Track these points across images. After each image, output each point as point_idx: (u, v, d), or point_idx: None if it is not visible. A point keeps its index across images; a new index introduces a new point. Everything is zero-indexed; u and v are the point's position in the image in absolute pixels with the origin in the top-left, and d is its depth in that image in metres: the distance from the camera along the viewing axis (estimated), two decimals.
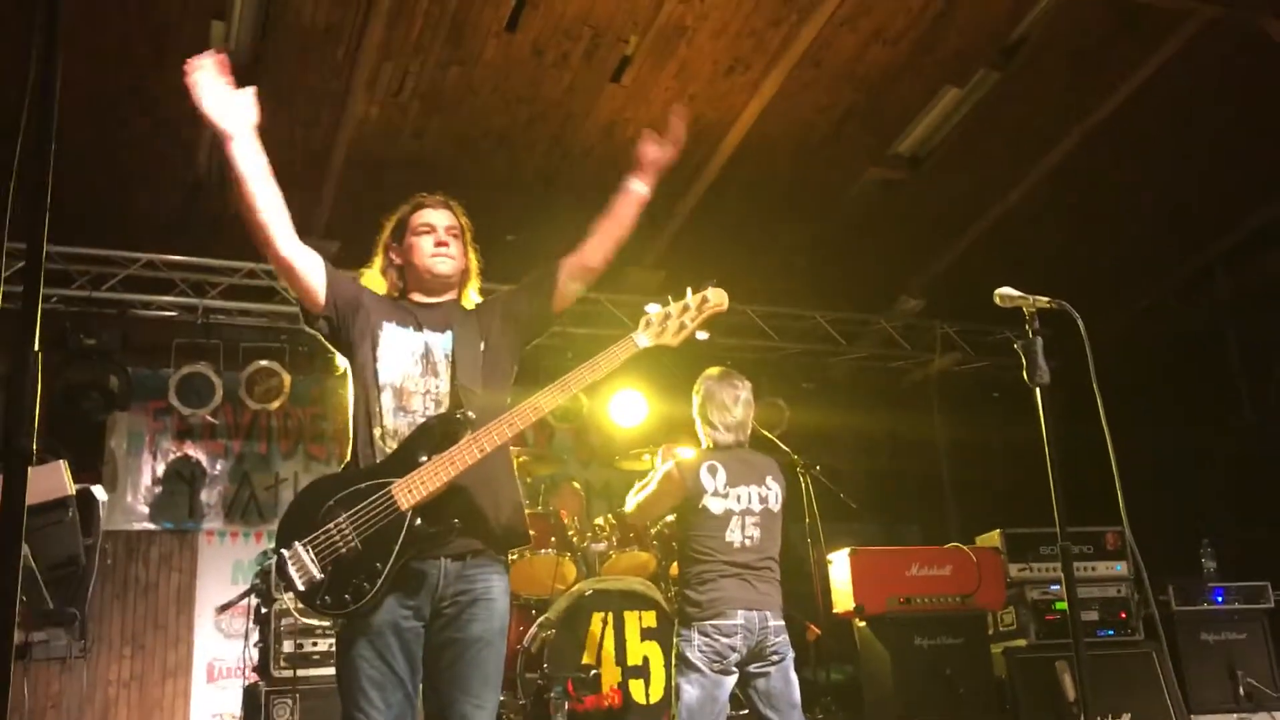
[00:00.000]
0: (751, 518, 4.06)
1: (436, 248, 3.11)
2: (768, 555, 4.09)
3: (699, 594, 3.96)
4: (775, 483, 4.20)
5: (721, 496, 4.04)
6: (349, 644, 2.82)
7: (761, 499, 4.11)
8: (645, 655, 5.32)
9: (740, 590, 3.95)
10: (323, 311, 3.02)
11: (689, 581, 4.02)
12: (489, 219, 5.46)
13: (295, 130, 6.43)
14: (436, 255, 3.11)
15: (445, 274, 3.12)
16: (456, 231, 3.17)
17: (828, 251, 8.04)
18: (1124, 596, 5.75)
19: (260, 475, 7.93)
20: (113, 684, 7.22)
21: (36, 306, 1.47)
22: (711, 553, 3.99)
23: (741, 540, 4.02)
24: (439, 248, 3.11)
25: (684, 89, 6.43)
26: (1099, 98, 6.71)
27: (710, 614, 3.90)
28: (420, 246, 3.12)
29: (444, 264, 3.11)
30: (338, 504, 2.81)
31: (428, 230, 3.13)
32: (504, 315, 3.14)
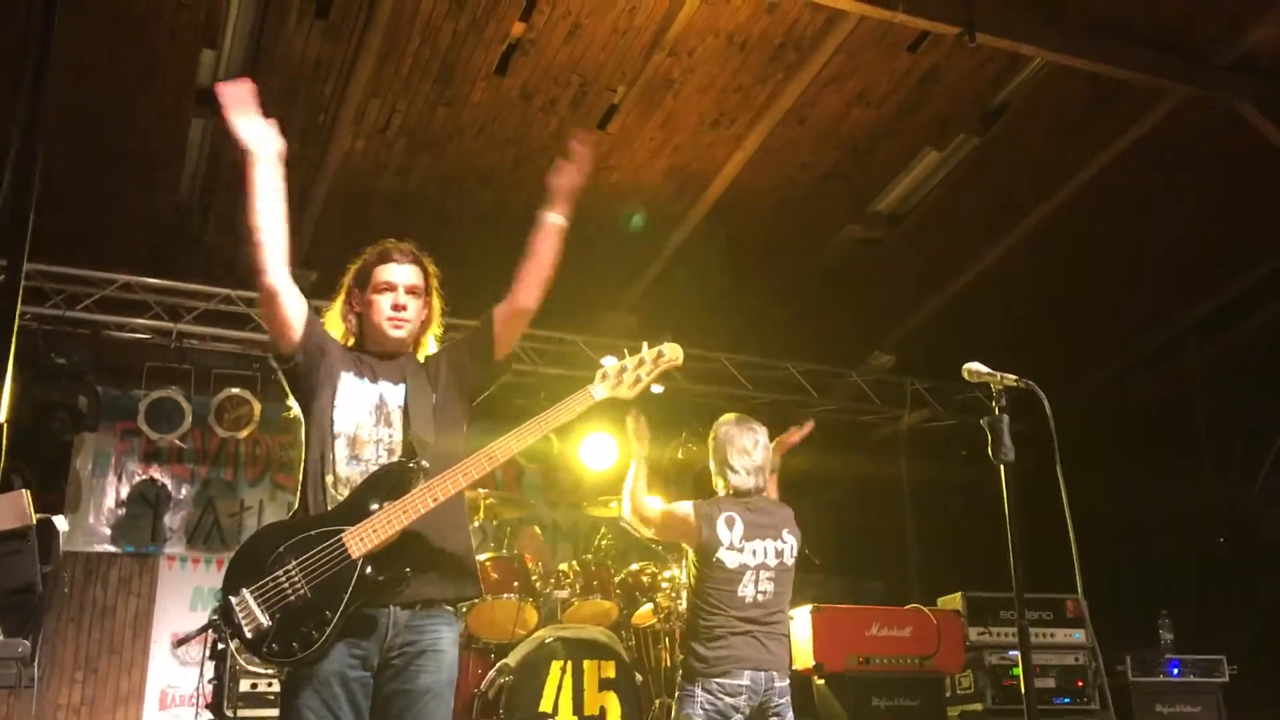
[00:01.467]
0: (766, 573, 3.99)
1: (394, 311, 3.10)
2: (779, 610, 4.02)
3: (707, 649, 3.89)
4: (791, 535, 4.14)
5: (737, 551, 3.98)
6: (294, 693, 2.80)
7: (777, 554, 4.05)
8: (603, 705, 5.30)
9: (750, 649, 3.88)
10: (294, 352, 3.02)
11: (698, 634, 3.95)
12: (470, 256, 5.51)
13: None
14: (392, 319, 3.10)
15: (399, 338, 3.12)
16: (418, 290, 3.16)
17: (804, 304, 8.10)
18: (1082, 665, 5.79)
19: (225, 502, 7.87)
20: (63, 709, 7.12)
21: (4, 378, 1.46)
22: (723, 608, 3.92)
23: (754, 595, 3.95)
24: (396, 312, 3.10)
25: (669, 139, 6.50)
26: (1075, 167, 6.82)
27: (716, 671, 3.85)
28: (378, 307, 3.11)
29: (398, 330, 3.11)
30: (288, 550, 2.79)
31: (388, 289, 3.12)
32: (450, 367, 3.15)
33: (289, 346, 3.02)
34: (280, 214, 2.96)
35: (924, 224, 7.36)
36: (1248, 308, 7.86)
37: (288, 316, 2.99)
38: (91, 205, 6.63)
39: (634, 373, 3.05)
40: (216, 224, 6.91)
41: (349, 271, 3.21)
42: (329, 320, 3.19)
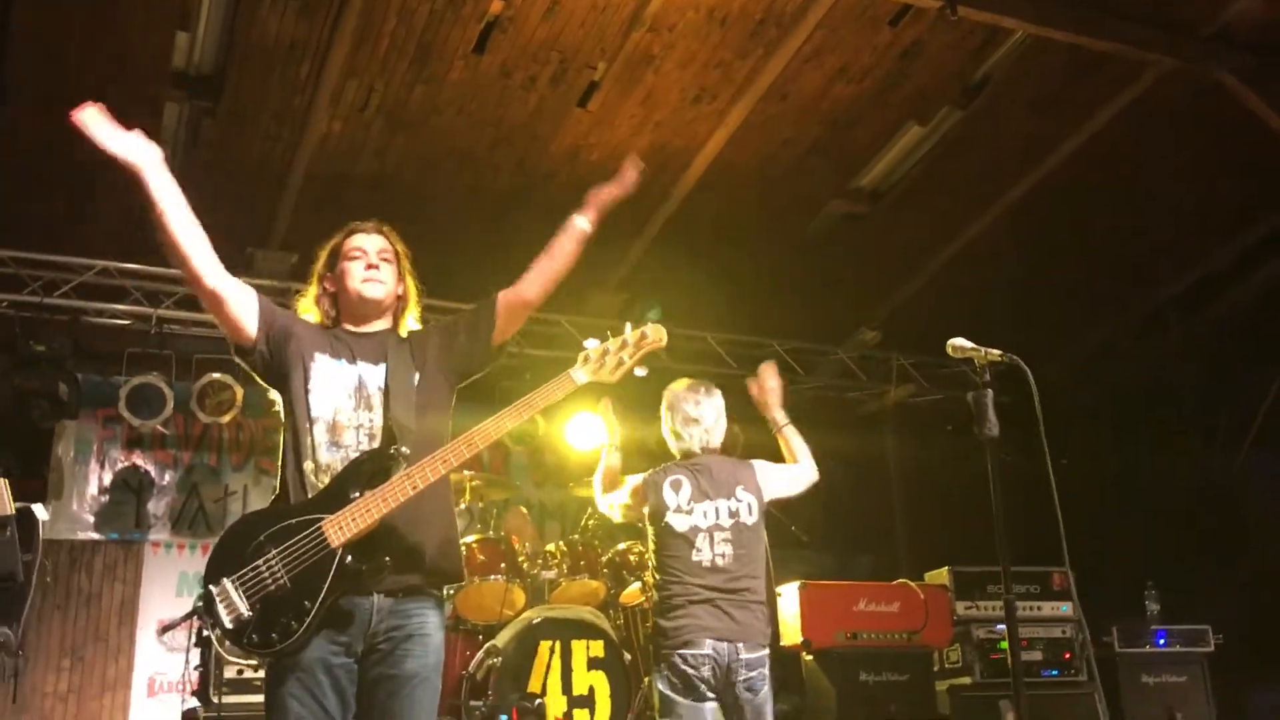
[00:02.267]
0: (721, 534, 3.86)
1: (367, 271, 3.07)
2: (744, 575, 3.84)
3: (668, 621, 3.79)
4: (748, 493, 4.00)
5: (685, 513, 3.90)
6: (278, 681, 2.77)
7: (731, 513, 3.92)
8: (591, 685, 5.29)
9: (711, 618, 3.74)
10: (254, 345, 2.96)
11: (660, 608, 3.86)
12: (449, 237, 5.47)
13: (256, 143, 6.38)
14: (367, 280, 3.06)
15: (375, 298, 3.07)
16: (389, 256, 3.12)
17: (789, 281, 8.08)
18: (1069, 637, 5.80)
19: (209, 487, 7.83)
20: (49, 696, 7.08)
21: None
22: (680, 575, 3.82)
23: (711, 559, 3.82)
24: (369, 271, 3.07)
25: (649, 116, 6.45)
26: (1058, 140, 6.81)
27: (678, 642, 3.72)
28: (351, 271, 3.07)
29: (374, 289, 3.06)
30: (268, 540, 2.76)
31: (359, 255, 3.09)
32: (441, 348, 3.11)
33: (246, 340, 2.96)
34: (190, 216, 2.87)
35: (907, 199, 7.34)
36: (1231, 279, 7.87)
37: (238, 313, 2.94)
38: (67, 191, 6.56)
39: (616, 355, 3.01)
40: (195, 208, 6.83)
41: (318, 259, 3.17)
42: (302, 308, 3.15)
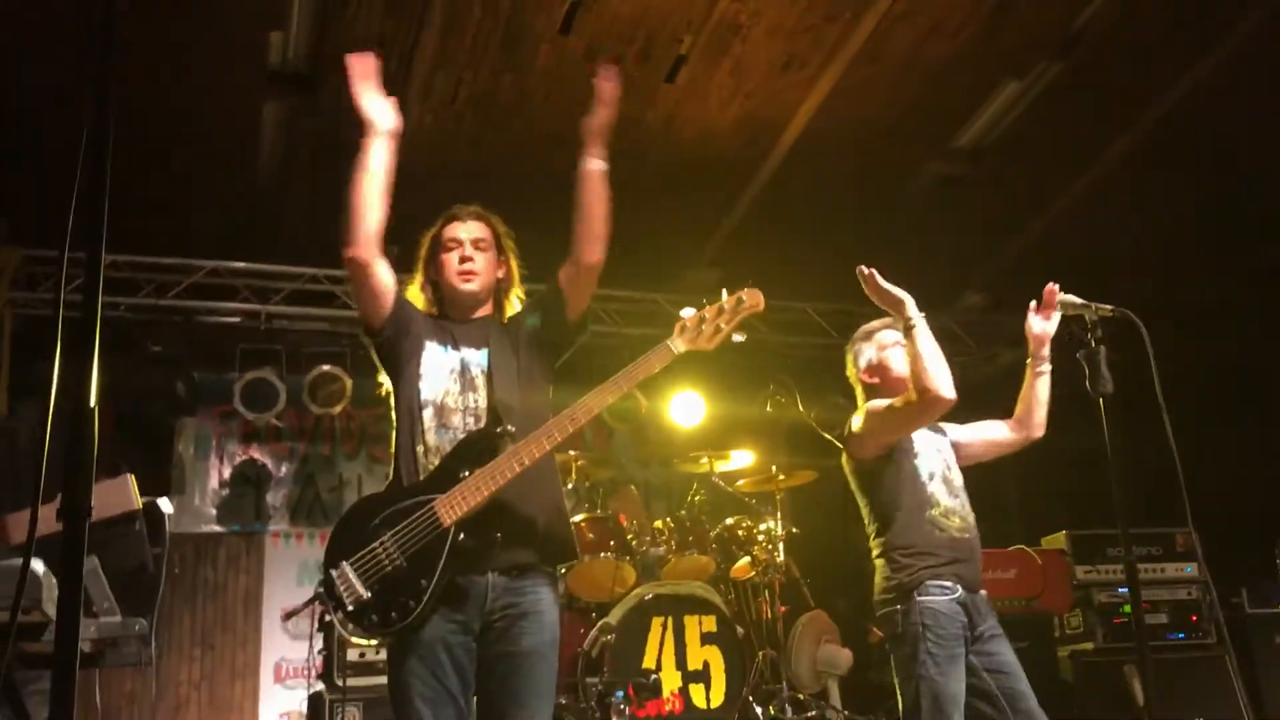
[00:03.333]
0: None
1: (462, 264, 3.13)
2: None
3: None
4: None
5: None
6: (400, 661, 2.84)
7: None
8: (705, 660, 5.32)
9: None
10: (384, 325, 3.06)
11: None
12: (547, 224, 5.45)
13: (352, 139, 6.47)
14: (461, 273, 3.13)
15: (471, 291, 3.14)
16: (486, 244, 3.17)
17: (888, 248, 7.89)
18: (1195, 599, 5.64)
19: (324, 477, 8.04)
20: (184, 684, 7.38)
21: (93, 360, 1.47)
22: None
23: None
24: (464, 264, 3.13)
25: (739, 86, 6.38)
26: (1163, 89, 6.53)
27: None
28: (448, 264, 3.14)
29: (468, 283, 3.13)
30: (382, 523, 2.84)
31: (455, 245, 3.15)
32: (531, 329, 3.15)
33: (379, 319, 3.05)
34: (383, 190, 3.02)
35: (1008, 157, 7.13)
36: None
37: (378, 289, 3.03)
38: (173, 194, 6.75)
39: (713, 323, 3.00)
40: (296, 205, 7.00)
41: (421, 245, 3.24)
42: (410, 294, 3.22)
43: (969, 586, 3.53)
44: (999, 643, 3.55)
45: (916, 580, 3.51)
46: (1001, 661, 3.51)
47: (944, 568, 3.52)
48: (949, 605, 3.46)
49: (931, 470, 3.67)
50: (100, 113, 1.71)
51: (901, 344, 3.77)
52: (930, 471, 3.66)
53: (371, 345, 3.13)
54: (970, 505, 3.71)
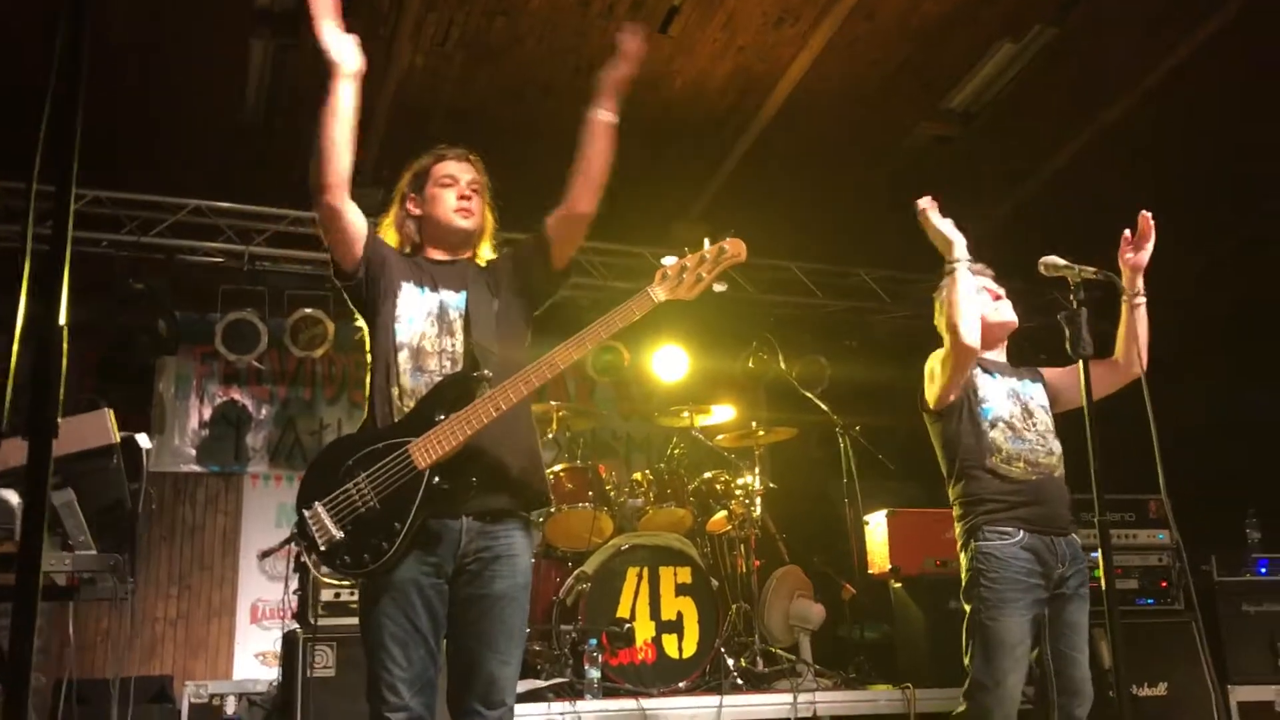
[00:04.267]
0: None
1: (460, 201, 3.10)
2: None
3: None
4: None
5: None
6: (372, 601, 2.85)
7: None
8: (679, 611, 5.35)
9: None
10: (355, 270, 3.02)
11: None
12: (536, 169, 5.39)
13: None
14: (460, 210, 3.10)
15: (466, 229, 3.11)
16: (479, 187, 3.15)
17: (876, 208, 7.91)
18: (1165, 565, 5.69)
19: (305, 420, 8.03)
20: (160, 622, 7.40)
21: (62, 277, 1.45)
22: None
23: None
24: (462, 201, 3.10)
25: (732, 40, 6.33)
26: (1158, 56, 6.50)
27: None
28: (443, 199, 3.10)
29: (466, 220, 3.10)
30: (356, 464, 2.83)
31: (451, 183, 3.11)
32: (512, 274, 3.14)
33: (351, 263, 3.02)
34: (350, 132, 2.95)
35: (999, 120, 7.10)
36: None
37: (349, 232, 3.00)
38: (158, 132, 6.68)
39: (695, 271, 2.98)
40: (281, 146, 6.93)
41: (403, 178, 3.19)
42: (384, 231, 3.18)
43: (1041, 529, 3.55)
44: (1075, 602, 3.60)
45: (974, 527, 3.59)
46: (1065, 621, 3.57)
47: (1003, 513, 3.56)
48: (1008, 549, 3.51)
49: (997, 416, 3.68)
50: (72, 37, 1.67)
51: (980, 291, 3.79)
52: (995, 418, 3.68)
53: (344, 288, 3.09)
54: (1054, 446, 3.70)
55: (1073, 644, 3.57)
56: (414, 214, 3.15)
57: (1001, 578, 3.49)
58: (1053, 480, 3.65)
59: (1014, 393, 3.77)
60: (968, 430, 3.69)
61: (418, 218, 3.15)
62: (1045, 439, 3.70)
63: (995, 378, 3.79)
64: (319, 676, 4.78)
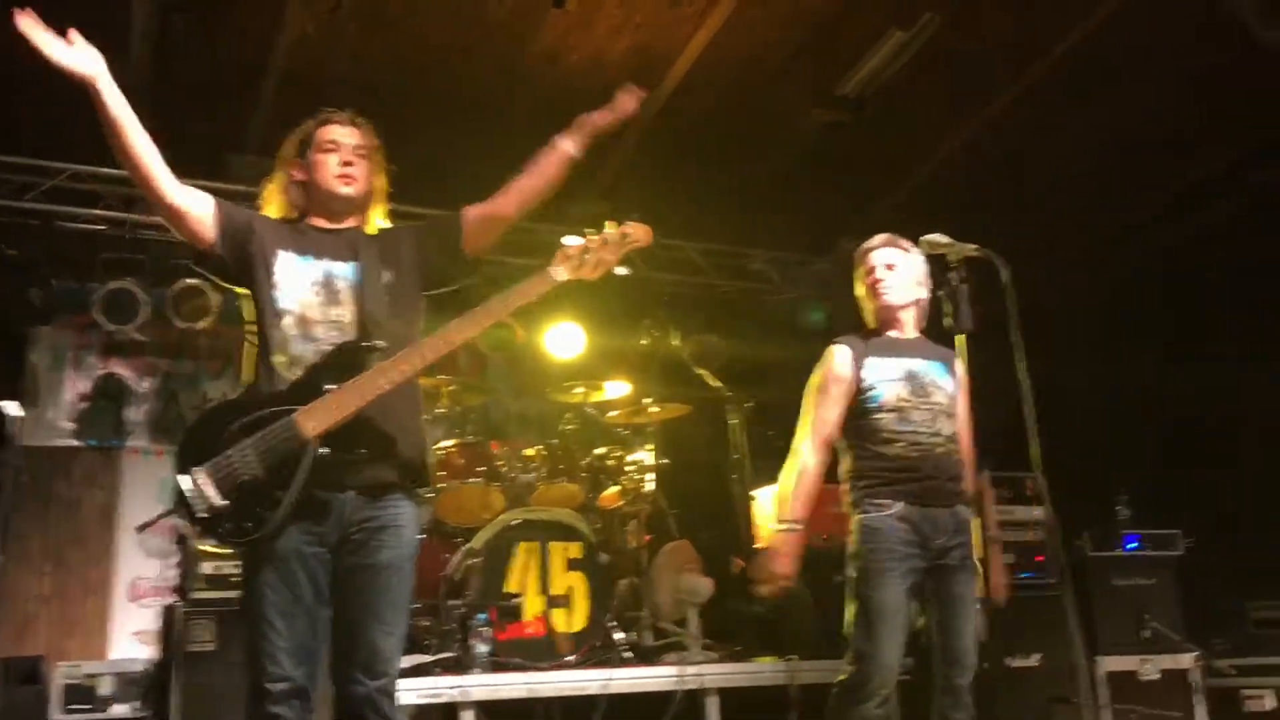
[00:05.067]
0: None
1: (342, 167, 3.04)
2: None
3: None
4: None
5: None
6: (253, 572, 2.81)
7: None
8: (570, 585, 5.37)
9: None
10: (211, 249, 2.96)
11: None
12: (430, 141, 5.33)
13: (229, 43, 6.25)
14: (342, 176, 3.04)
15: (349, 195, 3.06)
16: (364, 152, 3.09)
17: (770, 191, 8.02)
18: (1040, 541, 5.87)
19: (188, 394, 7.81)
20: (31, 600, 7.14)
21: None
22: None
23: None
24: (345, 168, 3.04)
25: (629, 18, 6.33)
26: (1044, 44, 6.70)
27: None
28: (325, 165, 3.04)
29: (348, 186, 3.04)
30: (241, 430, 2.78)
31: (333, 148, 3.06)
32: (414, 250, 3.10)
33: (205, 244, 2.97)
34: (142, 131, 2.87)
35: (890, 106, 7.23)
36: (1212, 192, 7.83)
37: (198, 223, 2.95)
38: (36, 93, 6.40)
39: (597, 253, 2.99)
40: (166, 111, 6.71)
41: (286, 143, 3.13)
42: (266, 196, 3.11)
43: (920, 502, 3.65)
44: (959, 574, 3.66)
45: (856, 501, 3.74)
46: (949, 593, 3.65)
47: (881, 487, 3.68)
48: (884, 520, 3.63)
49: (884, 401, 3.77)
50: None
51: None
52: (882, 403, 3.77)
53: (206, 269, 3.03)
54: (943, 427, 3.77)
55: (956, 615, 3.66)
56: (297, 179, 3.09)
57: (879, 549, 3.61)
58: (934, 456, 3.73)
59: (908, 373, 3.82)
60: (855, 413, 3.80)
61: (301, 183, 3.09)
62: (935, 419, 3.77)
63: (887, 359, 3.85)
64: (198, 651, 4.68)
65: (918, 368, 3.85)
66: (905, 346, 3.92)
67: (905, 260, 3.95)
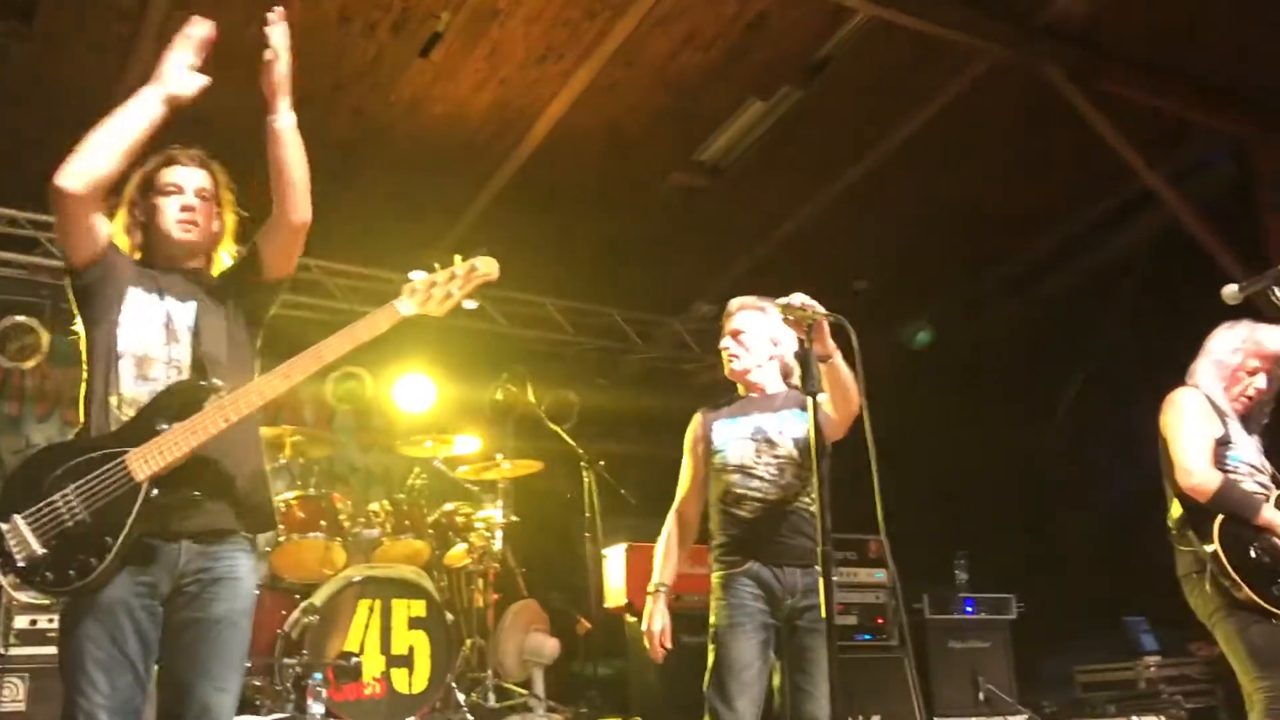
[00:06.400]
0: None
1: (182, 213, 2.92)
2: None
3: None
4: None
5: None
6: (75, 622, 2.63)
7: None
8: (411, 645, 5.23)
9: None
10: (88, 267, 2.82)
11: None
12: None
13: (73, 72, 6.01)
14: (181, 221, 2.92)
15: (187, 241, 2.94)
16: (208, 194, 2.98)
17: (629, 252, 8.09)
18: (882, 603, 5.99)
19: (9, 438, 7.35)
20: None
21: None
22: None
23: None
24: (184, 213, 2.92)
25: (494, 72, 6.33)
26: (896, 122, 6.98)
27: None
28: (164, 210, 2.92)
29: (187, 232, 2.93)
30: (66, 474, 2.61)
31: (175, 191, 2.94)
32: (236, 286, 3.00)
33: (83, 259, 2.82)
34: (133, 143, 2.78)
35: (746, 175, 7.42)
36: (1051, 266, 8.27)
37: (91, 230, 2.80)
38: None
39: (445, 287, 2.92)
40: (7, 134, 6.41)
41: (131, 181, 2.97)
42: (115, 236, 2.99)
43: (768, 561, 3.64)
44: (812, 636, 3.60)
45: (712, 561, 3.79)
46: (801, 655, 3.59)
47: (731, 545, 3.72)
48: (733, 578, 3.66)
49: (730, 464, 3.78)
50: None
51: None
52: (729, 465, 3.78)
53: (71, 285, 2.88)
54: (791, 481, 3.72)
55: (808, 678, 3.59)
56: (139, 220, 2.95)
57: (730, 604, 3.64)
58: (782, 514, 3.70)
59: (757, 430, 3.80)
60: (712, 477, 3.83)
61: (142, 223, 2.95)
62: (782, 473, 3.73)
63: (734, 421, 3.86)
64: (7, 711, 4.37)
65: (768, 422, 3.83)
66: (758, 405, 3.92)
67: (757, 322, 3.99)
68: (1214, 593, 3.92)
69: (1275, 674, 3.82)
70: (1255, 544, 3.86)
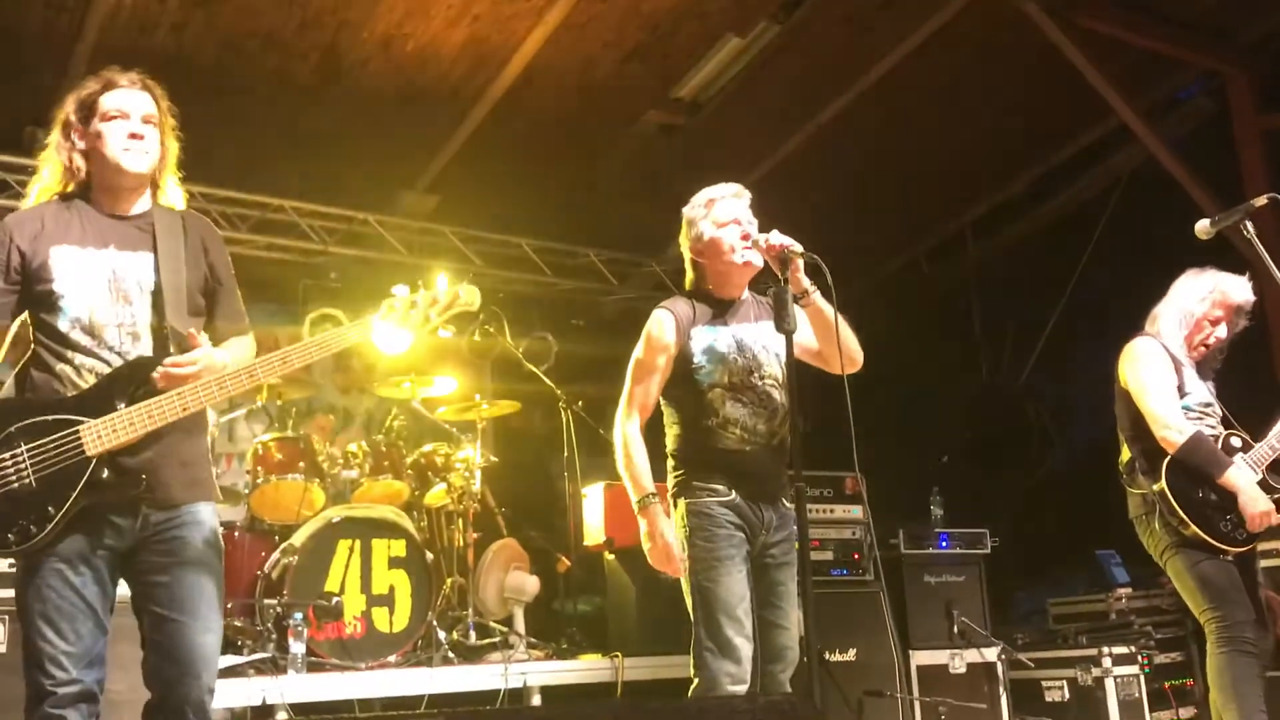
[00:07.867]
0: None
1: (130, 140, 2.77)
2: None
3: None
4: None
5: None
6: (32, 571, 2.61)
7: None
8: (391, 584, 5.26)
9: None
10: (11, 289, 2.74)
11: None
12: (251, 125, 5.12)
13: (38, 11, 5.88)
14: (129, 150, 2.77)
15: (138, 171, 2.80)
16: (154, 120, 2.83)
17: (606, 191, 8.04)
18: (858, 539, 6.04)
19: None
20: None
21: None
22: None
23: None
24: (133, 140, 2.77)
25: (467, 8, 6.23)
26: (871, 61, 6.92)
27: None
28: (110, 136, 2.76)
29: (136, 160, 2.78)
30: (20, 432, 2.57)
31: (119, 116, 2.77)
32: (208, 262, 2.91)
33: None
34: None
35: (724, 112, 7.36)
36: (1025, 206, 8.26)
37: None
38: None
39: (424, 310, 2.87)
40: None
41: (64, 104, 2.82)
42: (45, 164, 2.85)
43: (748, 496, 3.43)
44: (782, 570, 3.47)
45: (683, 482, 3.48)
46: (771, 589, 3.46)
47: (713, 471, 3.45)
48: (710, 507, 3.41)
49: (714, 381, 3.52)
50: None
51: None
52: (713, 382, 3.52)
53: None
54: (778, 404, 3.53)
55: (779, 611, 3.48)
56: (79, 147, 2.79)
57: (715, 535, 3.38)
58: (768, 451, 3.52)
59: (739, 343, 3.58)
60: (686, 392, 3.56)
61: (83, 151, 2.80)
62: (769, 396, 3.54)
63: (714, 331, 3.60)
64: None
65: (749, 334, 3.61)
66: (733, 314, 3.67)
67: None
68: (1163, 531, 4.02)
69: (1224, 605, 3.94)
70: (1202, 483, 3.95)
